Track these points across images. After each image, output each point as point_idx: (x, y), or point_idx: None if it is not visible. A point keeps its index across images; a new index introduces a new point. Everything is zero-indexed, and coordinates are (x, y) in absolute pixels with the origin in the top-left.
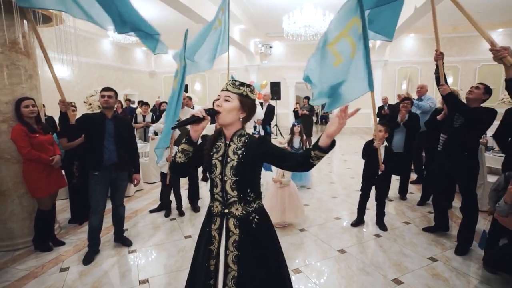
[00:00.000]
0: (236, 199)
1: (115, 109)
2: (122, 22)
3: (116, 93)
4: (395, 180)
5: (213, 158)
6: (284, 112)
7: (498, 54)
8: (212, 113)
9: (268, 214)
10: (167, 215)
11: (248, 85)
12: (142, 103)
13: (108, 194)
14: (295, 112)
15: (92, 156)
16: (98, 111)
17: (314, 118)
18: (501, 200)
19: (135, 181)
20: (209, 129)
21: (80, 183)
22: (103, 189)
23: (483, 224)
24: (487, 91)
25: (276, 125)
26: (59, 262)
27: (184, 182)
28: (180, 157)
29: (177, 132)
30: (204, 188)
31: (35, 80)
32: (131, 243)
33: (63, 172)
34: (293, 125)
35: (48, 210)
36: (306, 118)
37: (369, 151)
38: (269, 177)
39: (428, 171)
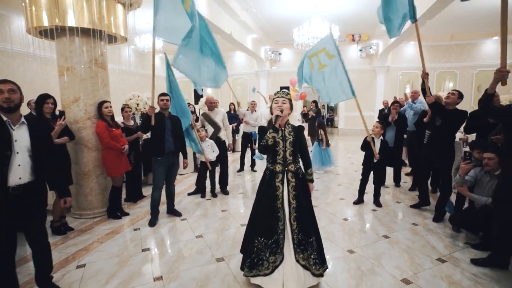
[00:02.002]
0: (291, 161)
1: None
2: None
3: (170, 97)
4: (391, 171)
5: (277, 137)
6: (292, 114)
7: (505, 76)
8: (281, 112)
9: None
10: (202, 196)
11: (289, 93)
12: None
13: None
14: (304, 114)
15: (156, 146)
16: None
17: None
18: (457, 174)
19: (185, 165)
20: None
21: (134, 170)
22: (163, 171)
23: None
24: (460, 96)
25: None
26: (131, 225)
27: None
28: (270, 141)
29: (211, 130)
30: (230, 177)
31: (108, 87)
32: (181, 214)
33: None
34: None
35: (119, 186)
36: (312, 120)
37: (365, 144)
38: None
39: (416, 162)
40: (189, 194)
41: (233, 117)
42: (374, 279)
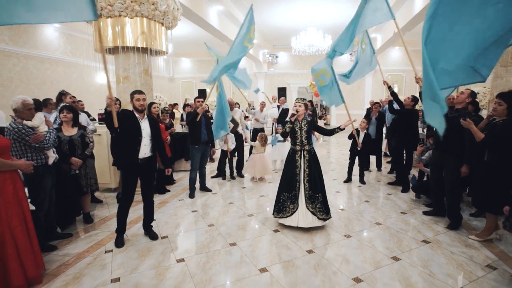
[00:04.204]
0: (306, 143)
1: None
2: None
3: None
4: (374, 159)
5: (296, 128)
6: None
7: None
8: (297, 112)
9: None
10: (223, 179)
11: (305, 98)
12: (185, 105)
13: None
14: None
15: (194, 136)
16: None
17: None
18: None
19: (213, 153)
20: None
21: (170, 158)
22: (199, 156)
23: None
24: (413, 99)
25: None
26: (175, 197)
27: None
28: (287, 129)
29: (230, 125)
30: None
31: (152, 92)
32: (211, 190)
33: None
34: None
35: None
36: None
37: (351, 135)
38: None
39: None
40: (212, 177)
41: None
42: (357, 223)
